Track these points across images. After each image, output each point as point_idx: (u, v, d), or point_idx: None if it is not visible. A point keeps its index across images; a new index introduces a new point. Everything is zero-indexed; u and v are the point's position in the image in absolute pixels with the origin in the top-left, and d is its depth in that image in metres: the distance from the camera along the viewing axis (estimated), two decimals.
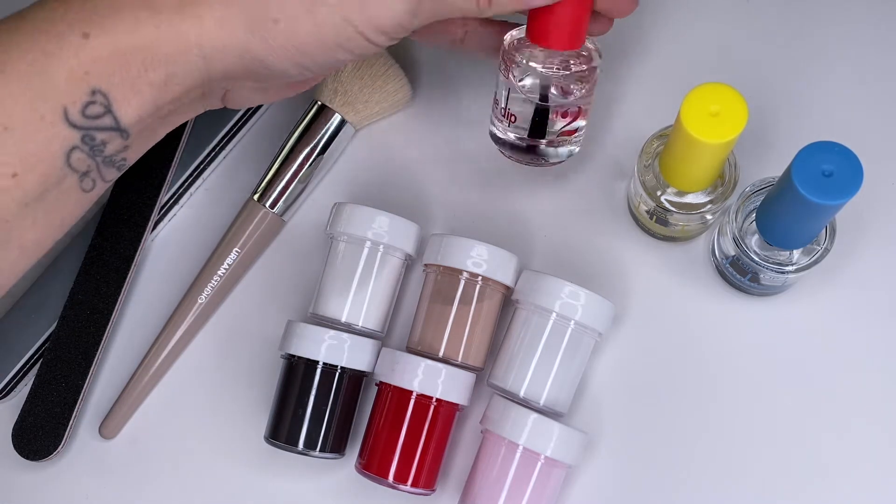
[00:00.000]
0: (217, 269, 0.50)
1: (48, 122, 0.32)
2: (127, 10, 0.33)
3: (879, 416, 0.47)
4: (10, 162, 0.32)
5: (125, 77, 0.33)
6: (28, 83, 0.32)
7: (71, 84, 0.32)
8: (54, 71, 0.32)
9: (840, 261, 0.48)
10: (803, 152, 0.38)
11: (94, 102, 0.33)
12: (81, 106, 0.33)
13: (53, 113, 0.32)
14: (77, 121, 0.33)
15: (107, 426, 0.49)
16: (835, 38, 0.52)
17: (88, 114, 0.33)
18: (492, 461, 0.44)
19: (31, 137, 0.32)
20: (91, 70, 0.33)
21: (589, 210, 0.51)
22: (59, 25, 0.32)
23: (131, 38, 0.33)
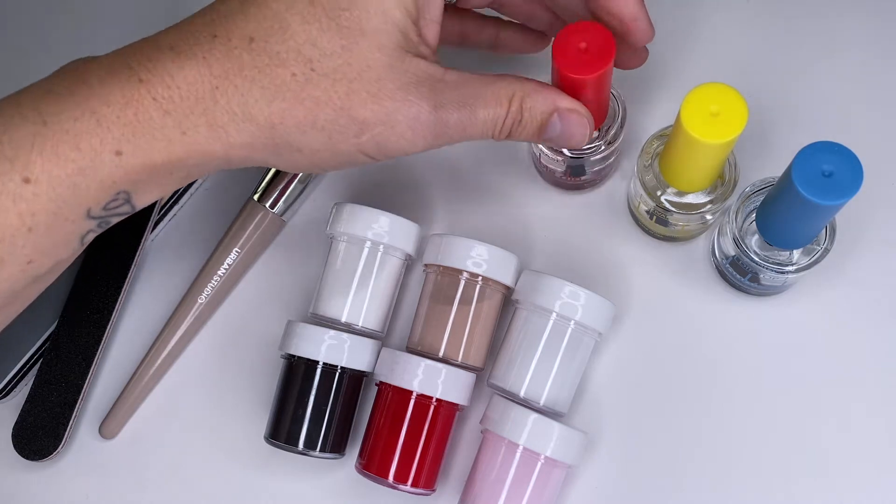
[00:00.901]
0: (217, 269, 0.50)
1: (70, 221, 0.34)
2: (158, 131, 0.34)
3: (879, 416, 0.47)
4: (28, 254, 0.34)
5: (149, 181, 0.35)
6: (57, 193, 0.33)
7: (99, 192, 0.34)
8: (85, 184, 0.33)
9: (840, 261, 0.48)
10: (803, 152, 0.37)
11: (117, 199, 0.35)
12: (104, 204, 0.34)
13: (77, 214, 0.34)
14: (97, 214, 0.35)
15: (107, 426, 0.49)
16: (835, 38, 0.52)
17: (108, 207, 0.35)
18: (492, 461, 0.44)
19: (51, 235, 0.34)
20: (120, 181, 0.34)
21: (589, 210, 0.51)
22: (93, 140, 0.33)
23: (162, 157, 0.34)
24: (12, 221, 0.32)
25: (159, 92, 0.34)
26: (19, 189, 0.32)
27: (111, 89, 0.33)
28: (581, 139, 0.40)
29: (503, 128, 0.38)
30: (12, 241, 0.33)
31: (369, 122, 0.35)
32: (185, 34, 0.35)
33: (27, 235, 0.33)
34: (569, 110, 0.39)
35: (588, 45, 0.40)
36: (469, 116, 0.37)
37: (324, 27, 0.34)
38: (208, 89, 0.34)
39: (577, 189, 0.51)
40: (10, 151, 0.32)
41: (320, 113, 0.35)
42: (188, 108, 0.34)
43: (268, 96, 0.34)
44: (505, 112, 0.38)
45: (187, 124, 0.34)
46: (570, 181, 0.50)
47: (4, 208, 0.32)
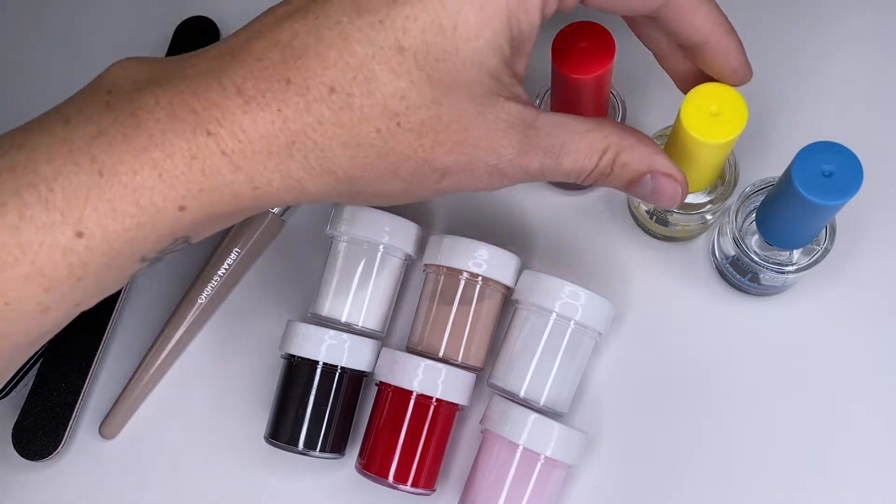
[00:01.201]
0: (217, 269, 0.50)
1: (122, 268, 0.32)
2: (227, 187, 0.31)
3: (879, 416, 0.47)
4: (77, 300, 0.32)
5: (209, 226, 0.33)
6: (111, 247, 0.31)
7: (156, 243, 0.32)
8: (142, 237, 0.31)
9: (840, 261, 0.48)
10: (803, 152, 0.38)
11: (175, 243, 0.33)
12: (160, 250, 0.33)
13: (131, 262, 0.32)
14: (152, 258, 0.33)
15: (107, 426, 0.49)
16: (835, 38, 0.52)
17: (163, 251, 0.33)
18: (492, 461, 0.44)
19: (101, 281, 0.32)
20: (179, 230, 0.32)
21: (589, 210, 0.51)
22: (154, 197, 0.30)
23: (229, 208, 0.32)
24: (61, 273, 0.30)
25: (229, 146, 0.31)
26: (71, 243, 0.30)
27: (174, 140, 0.30)
28: (670, 203, 0.38)
29: (588, 178, 0.36)
30: (61, 291, 0.31)
31: (451, 170, 0.34)
32: (253, 74, 0.31)
33: (76, 284, 0.31)
34: (664, 174, 0.37)
35: (588, 45, 0.40)
36: (553, 165, 0.35)
37: (414, 79, 0.31)
38: (283, 144, 0.31)
39: (577, 189, 0.51)
40: (61, 202, 0.29)
41: (402, 165, 0.33)
42: (261, 164, 0.31)
43: (349, 153, 0.32)
44: (593, 165, 0.36)
45: (260, 180, 0.31)
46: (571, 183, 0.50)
47: (54, 262, 0.30)
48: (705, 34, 0.37)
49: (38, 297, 0.31)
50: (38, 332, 0.32)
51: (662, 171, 0.37)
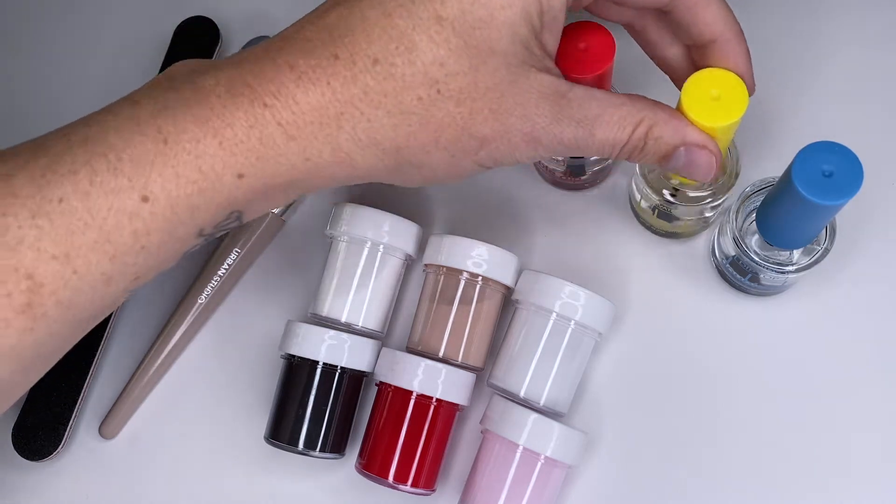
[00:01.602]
0: (217, 269, 0.50)
1: (181, 239, 0.33)
2: (283, 156, 0.33)
3: (880, 416, 0.47)
4: (138, 272, 0.33)
5: (264, 200, 0.35)
6: (174, 213, 0.32)
7: (214, 214, 0.33)
8: (204, 205, 0.33)
9: (840, 261, 0.48)
10: (803, 152, 0.38)
11: (229, 219, 0.35)
12: (217, 223, 0.34)
13: (189, 234, 0.34)
14: (208, 233, 0.34)
15: (107, 426, 0.49)
16: (835, 38, 0.52)
17: (219, 226, 0.35)
18: (492, 461, 0.44)
19: (161, 253, 0.33)
20: (237, 202, 0.34)
21: (589, 210, 0.51)
22: (215, 163, 0.32)
23: (283, 179, 0.34)
24: (126, 240, 0.32)
25: (284, 117, 0.33)
26: (137, 208, 0.31)
27: (234, 111, 0.32)
28: (706, 175, 0.38)
29: (621, 152, 0.37)
30: (123, 260, 0.32)
31: (488, 139, 0.35)
32: (304, 52, 0.33)
33: (138, 253, 0.32)
34: (697, 145, 0.37)
35: (588, 45, 0.40)
36: (586, 136, 0.36)
37: (452, 47, 0.33)
38: (333, 115, 0.33)
39: (577, 189, 0.51)
40: (129, 169, 0.31)
41: (443, 134, 0.34)
42: (312, 134, 0.33)
43: (394, 122, 0.34)
44: (626, 138, 0.36)
45: (311, 150, 0.34)
46: (570, 181, 0.50)
47: (120, 226, 0.31)
48: (715, 32, 0.38)
49: (104, 266, 0.32)
50: (99, 304, 0.33)
51: (696, 142, 0.37)
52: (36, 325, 0.31)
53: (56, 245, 0.31)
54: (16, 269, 0.30)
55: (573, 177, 0.49)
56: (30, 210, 0.30)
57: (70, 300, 0.32)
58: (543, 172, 0.50)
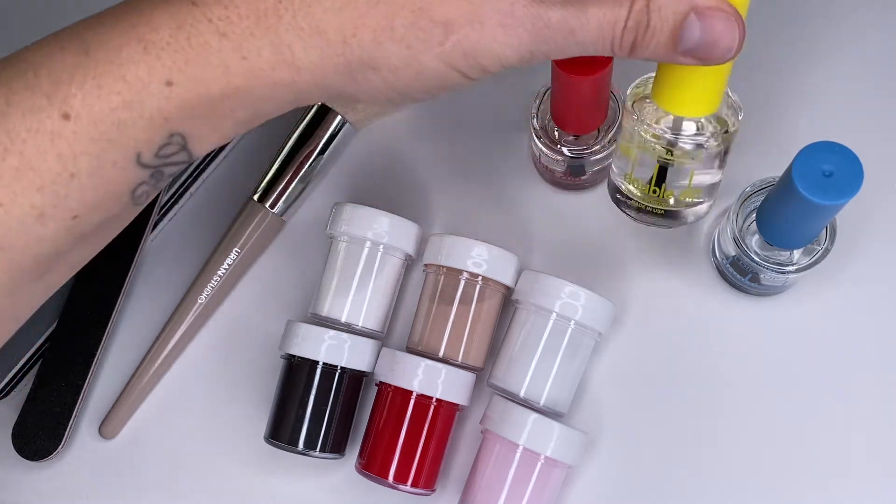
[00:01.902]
0: (217, 269, 0.50)
1: (118, 167, 0.30)
2: (215, 56, 0.30)
3: (880, 416, 0.47)
4: (73, 207, 0.30)
5: (208, 120, 0.31)
6: (100, 132, 0.29)
7: (148, 131, 0.30)
8: (131, 120, 0.30)
9: (840, 261, 0.48)
10: (803, 152, 0.38)
11: (170, 144, 0.31)
12: (156, 148, 0.31)
13: (125, 159, 0.30)
14: (149, 161, 0.31)
15: (107, 426, 0.49)
16: (835, 38, 0.52)
17: (162, 154, 0.31)
18: (492, 461, 0.44)
19: (98, 183, 0.30)
20: (172, 116, 0.30)
21: (589, 210, 0.51)
22: (140, 70, 0.29)
23: (220, 86, 0.30)
24: (52, 165, 0.29)
25: (215, 13, 0.29)
26: (58, 126, 0.29)
27: (161, 14, 0.29)
28: (729, 45, 0.32)
29: (625, 36, 0.31)
30: (54, 190, 0.29)
31: (454, 23, 0.30)
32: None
33: (70, 182, 0.29)
34: (710, 8, 0.31)
35: None
36: (577, 15, 0.30)
37: None
38: (271, 4, 0.30)
39: (577, 189, 0.51)
40: (48, 86, 0.29)
41: (397, 17, 0.30)
42: (248, 29, 0.30)
43: (337, 5, 0.30)
44: (626, 13, 0.31)
45: (248, 47, 0.30)
46: (570, 181, 0.50)
47: (42, 150, 0.29)
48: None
49: (32, 198, 0.29)
50: (37, 248, 0.30)
51: (706, 4, 0.31)
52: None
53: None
54: None
55: (573, 177, 0.49)
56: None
57: (2, 239, 0.29)
58: (543, 172, 0.50)
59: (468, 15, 0.30)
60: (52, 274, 0.32)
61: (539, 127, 0.46)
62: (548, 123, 0.47)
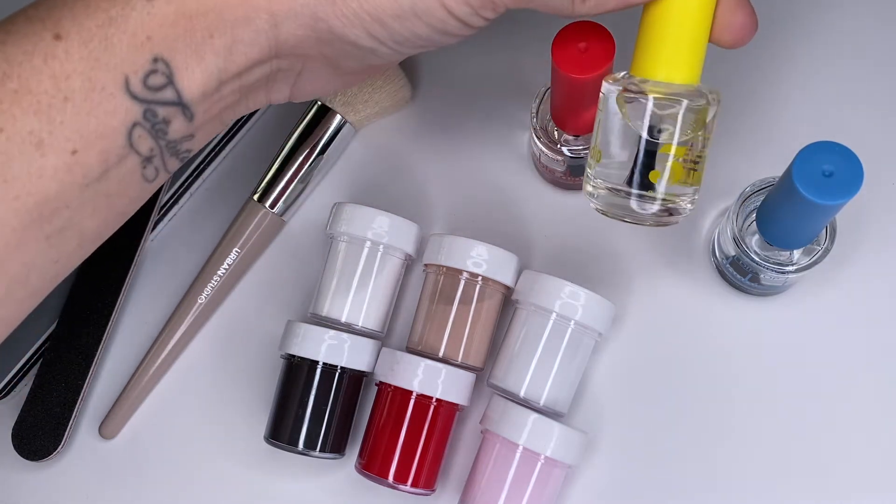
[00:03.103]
0: (217, 269, 0.50)
1: (108, 93, 0.31)
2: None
3: (880, 416, 0.47)
4: (70, 137, 0.30)
5: (188, 43, 0.32)
6: (89, 50, 0.30)
7: (132, 51, 0.31)
8: (116, 37, 0.31)
9: (840, 261, 0.48)
10: (803, 152, 0.37)
11: (156, 71, 0.31)
12: (143, 75, 0.31)
13: (114, 83, 0.31)
14: (138, 92, 0.31)
15: (107, 426, 0.49)
16: (835, 38, 0.52)
17: (150, 84, 0.31)
18: (492, 461, 0.44)
19: (91, 110, 0.31)
20: (154, 35, 0.31)
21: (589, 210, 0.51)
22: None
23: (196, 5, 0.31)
24: (46, 87, 0.30)
25: None
26: (50, 47, 0.30)
27: None
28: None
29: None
30: (49, 115, 0.30)
31: None
32: None
33: (64, 106, 0.30)
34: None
35: (588, 45, 0.40)
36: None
37: None
38: None
39: (577, 189, 0.51)
40: (43, 12, 0.30)
41: None
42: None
43: None
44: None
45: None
46: (570, 181, 0.50)
47: (36, 70, 0.30)
48: None
49: (29, 122, 0.30)
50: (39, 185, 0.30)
51: None
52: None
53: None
54: None
55: (573, 177, 0.49)
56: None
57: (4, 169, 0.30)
58: (543, 172, 0.50)
59: None
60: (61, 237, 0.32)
61: (539, 127, 0.46)
62: (548, 123, 0.47)
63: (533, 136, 0.47)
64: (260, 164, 0.51)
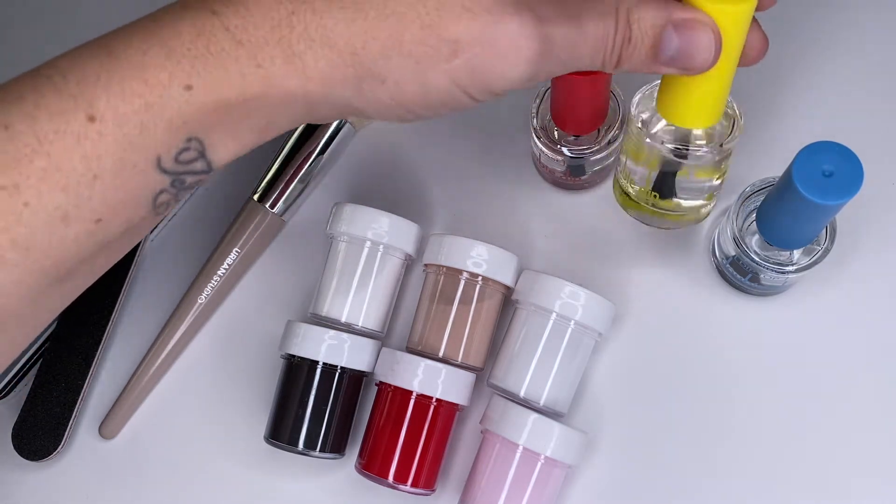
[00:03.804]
0: (217, 269, 0.50)
1: (139, 170, 0.31)
2: (231, 63, 0.31)
3: (880, 416, 0.47)
4: (96, 209, 0.31)
5: (225, 126, 0.32)
6: (123, 133, 0.30)
7: (167, 134, 0.31)
8: (152, 123, 0.31)
9: (840, 261, 0.48)
10: (803, 152, 0.38)
11: (189, 149, 0.32)
12: (175, 153, 0.32)
13: (146, 161, 0.31)
14: (169, 167, 0.32)
15: (107, 426, 0.49)
16: (835, 38, 0.52)
17: (181, 160, 0.32)
18: (492, 461, 0.44)
19: (120, 185, 0.31)
20: (190, 121, 0.31)
21: (589, 210, 0.51)
22: (161, 74, 0.30)
23: (236, 92, 0.32)
24: (76, 166, 0.30)
25: (233, 22, 0.31)
26: (83, 128, 0.30)
27: (181, 21, 0.31)
28: (707, 56, 0.33)
29: (613, 48, 0.33)
30: (77, 192, 0.30)
31: (463, 42, 0.31)
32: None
33: (93, 184, 0.30)
34: (686, 20, 0.33)
35: None
36: (577, 32, 0.32)
37: None
38: (284, 15, 0.31)
39: (577, 189, 0.51)
40: (74, 88, 0.30)
41: (406, 32, 0.31)
42: (263, 38, 0.31)
43: (348, 16, 0.31)
44: (613, 25, 0.32)
45: (262, 56, 0.31)
46: (570, 181, 0.50)
47: (67, 149, 0.30)
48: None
49: (57, 198, 0.30)
50: (60, 249, 0.31)
51: (685, 17, 0.33)
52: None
53: (4, 175, 0.29)
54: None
55: (573, 177, 0.49)
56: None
57: (27, 240, 0.30)
58: (543, 172, 0.50)
59: (477, 35, 0.31)
60: (74, 280, 0.33)
61: (539, 127, 0.46)
62: (548, 123, 0.47)
63: (533, 136, 0.47)
64: (260, 164, 0.51)
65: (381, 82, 0.32)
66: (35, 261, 0.30)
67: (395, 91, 0.32)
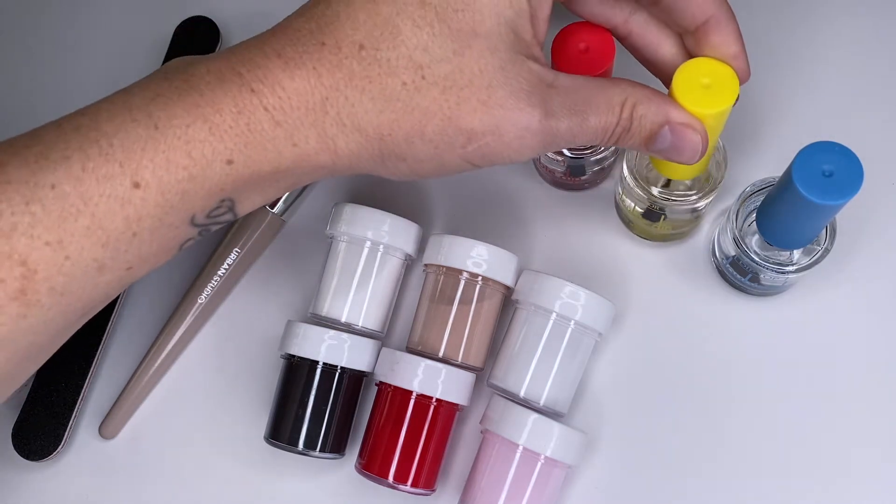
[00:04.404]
0: (217, 269, 0.50)
1: (174, 228, 0.34)
2: (269, 142, 0.34)
3: (880, 416, 0.47)
4: (130, 261, 0.34)
5: (255, 188, 0.35)
6: (165, 199, 0.33)
7: (206, 199, 0.34)
8: (193, 191, 0.33)
9: (840, 261, 0.48)
10: (803, 152, 0.38)
11: (221, 207, 0.35)
12: (209, 211, 0.35)
13: (182, 221, 0.34)
14: (200, 222, 0.35)
15: (107, 426, 0.49)
16: (835, 38, 0.52)
17: (212, 216, 0.35)
18: (492, 461, 0.44)
19: (154, 240, 0.34)
20: (227, 188, 0.34)
21: (589, 210, 0.51)
22: (205, 149, 0.33)
23: (272, 167, 0.34)
24: (118, 226, 0.32)
25: (271, 102, 0.33)
26: (128, 194, 0.32)
27: (222, 97, 0.33)
28: (692, 156, 0.38)
29: (611, 136, 0.37)
30: (116, 247, 0.32)
31: (477, 132, 0.34)
32: (292, 41, 0.34)
33: (131, 241, 0.33)
34: (681, 125, 0.37)
35: (588, 46, 0.40)
36: (580, 124, 0.36)
37: (435, 31, 0.33)
38: (319, 100, 0.34)
39: (577, 189, 0.51)
40: (120, 155, 0.32)
41: (429, 124, 0.34)
42: (298, 120, 0.34)
43: (378, 107, 0.34)
44: (616, 119, 0.36)
45: (298, 136, 0.34)
46: (570, 181, 0.50)
47: (111, 212, 0.32)
48: (707, 12, 0.38)
49: (96, 253, 0.32)
50: (92, 293, 0.33)
51: (680, 121, 0.37)
52: (30, 311, 0.32)
53: (49, 231, 0.31)
54: (9, 256, 0.31)
55: (573, 177, 0.49)
56: (23, 196, 0.31)
57: (64, 287, 0.32)
58: (543, 172, 0.50)
59: (490, 127, 0.34)
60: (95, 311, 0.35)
61: None
62: None
63: None
64: None
65: (402, 160, 0.35)
66: (68, 304, 0.33)
67: (414, 166, 0.36)
